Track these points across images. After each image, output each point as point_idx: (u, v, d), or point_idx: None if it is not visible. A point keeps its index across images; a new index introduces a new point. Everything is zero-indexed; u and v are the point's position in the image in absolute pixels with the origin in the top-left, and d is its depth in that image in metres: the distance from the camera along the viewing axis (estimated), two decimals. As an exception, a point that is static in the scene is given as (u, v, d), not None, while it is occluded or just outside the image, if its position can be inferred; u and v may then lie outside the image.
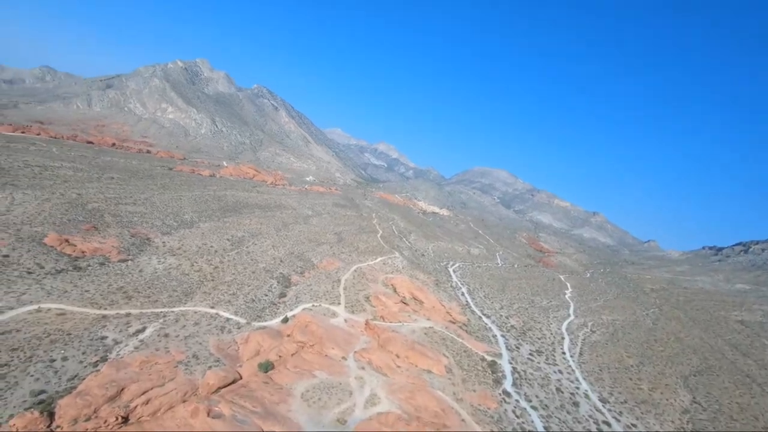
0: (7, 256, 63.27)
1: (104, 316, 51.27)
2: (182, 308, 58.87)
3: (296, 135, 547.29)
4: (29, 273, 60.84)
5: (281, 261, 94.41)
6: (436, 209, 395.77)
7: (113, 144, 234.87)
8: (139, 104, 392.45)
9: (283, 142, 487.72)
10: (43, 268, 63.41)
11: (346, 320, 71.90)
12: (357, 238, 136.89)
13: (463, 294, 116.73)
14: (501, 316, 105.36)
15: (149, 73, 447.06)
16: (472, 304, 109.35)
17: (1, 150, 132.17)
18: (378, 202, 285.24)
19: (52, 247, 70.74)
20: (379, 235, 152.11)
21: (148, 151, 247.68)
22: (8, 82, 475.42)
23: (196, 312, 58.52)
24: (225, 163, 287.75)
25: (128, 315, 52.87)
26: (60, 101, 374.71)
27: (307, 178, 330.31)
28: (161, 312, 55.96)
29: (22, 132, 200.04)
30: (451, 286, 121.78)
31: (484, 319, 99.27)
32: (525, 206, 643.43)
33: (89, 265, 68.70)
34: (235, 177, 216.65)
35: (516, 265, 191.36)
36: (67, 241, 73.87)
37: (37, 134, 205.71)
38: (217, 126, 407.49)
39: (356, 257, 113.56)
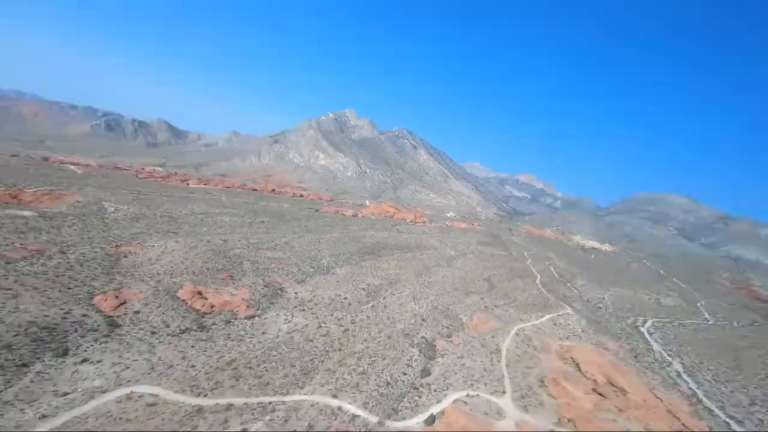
0: (138, 312, 58.31)
1: (200, 409, 38.82)
2: (297, 397, 43.86)
3: (435, 171, 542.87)
4: (153, 333, 53.97)
5: (423, 319, 75.59)
6: (596, 244, 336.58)
7: (273, 190, 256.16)
8: (297, 154, 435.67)
9: (422, 179, 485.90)
10: (168, 326, 56.45)
11: (517, 424, 48.12)
12: (511, 285, 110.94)
13: (678, 374, 79.94)
14: (756, 418, 66.58)
15: (306, 127, 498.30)
16: (699, 393, 72.61)
17: (182, 200, 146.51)
18: (526, 237, 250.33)
19: (183, 300, 65.09)
20: (537, 281, 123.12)
21: (301, 195, 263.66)
22: (207, 146, 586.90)
23: (313, 405, 42.79)
24: (368, 202, 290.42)
25: (229, 408, 39.68)
26: (239, 158, 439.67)
27: (448, 214, 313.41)
28: (270, 403, 41.66)
29: (205, 184, 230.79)
30: (655, 359, 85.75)
31: (732, 424, 62.88)
32: (716, 238, 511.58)
33: (214, 324, 60.25)
34: (376, 216, 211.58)
35: (737, 323, 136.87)
36: (199, 293, 68.09)
37: (216, 185, 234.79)
38: (361, 168, 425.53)
39: (515, 313, 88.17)
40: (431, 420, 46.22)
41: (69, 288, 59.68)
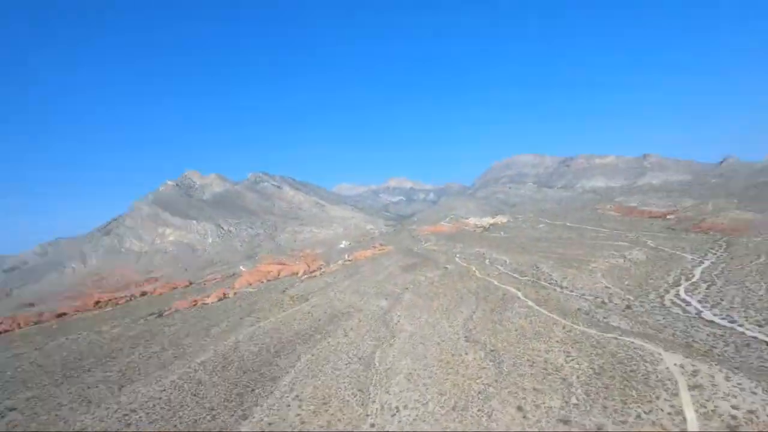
0: None
1: None
2: None
3: (308, 204, 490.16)
4: None
5: None
6: (491, 219, 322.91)
7: (97, 302, 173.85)
8: (136, 240, 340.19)
9: (298, 217, 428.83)
10: None
11: None
12: (502, 326, 66.08)
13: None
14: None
15: (140, 205, 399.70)
16: None
17: None
18: (434, 239, 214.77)
19: None
20: (522, 295, 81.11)
21: (143, 293, 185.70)
22: (8, 272, 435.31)
23: None
24: (242, 267, 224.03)
25: None
26: (55, 272, 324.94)
27: (341, 245, 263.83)
28: None
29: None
30: None
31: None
32: (567, 180, 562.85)
33: None
34: (255, 285, 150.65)
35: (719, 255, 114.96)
36: None
37: (19, 325, 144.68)
38: (223, 228, 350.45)
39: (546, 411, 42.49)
40: None
41: None
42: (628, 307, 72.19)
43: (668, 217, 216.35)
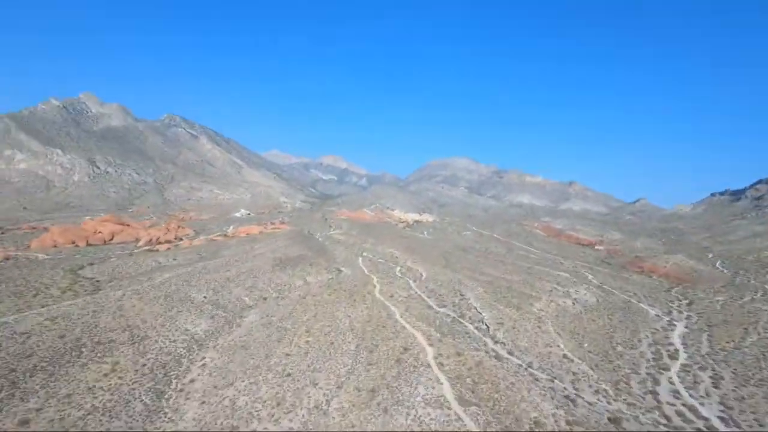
0: None
1: None
2: None
3: (223, 162, 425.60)
4: None
5: None
6: (416, 216, 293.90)
7: None
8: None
9: (204, 173, 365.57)
10: None
11: None
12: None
13: None
14: None
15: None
16: None
17: None
18: (346, 226, 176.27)
19: None
20: (432, 361, 45.19)
21: None
22: None
23: None
24: (89, 218, 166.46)
25: None
26: None
27: (236, 214, 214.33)
28: None
29: None
30: None
31: None
32: (498, 191, 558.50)
33: None
34: (60, 247, 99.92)
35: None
36: None
37: None
38: (99, 167, 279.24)
39: None
40: None
41: None
42: (614, 420, 38.92)
43: (597, 247, 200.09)
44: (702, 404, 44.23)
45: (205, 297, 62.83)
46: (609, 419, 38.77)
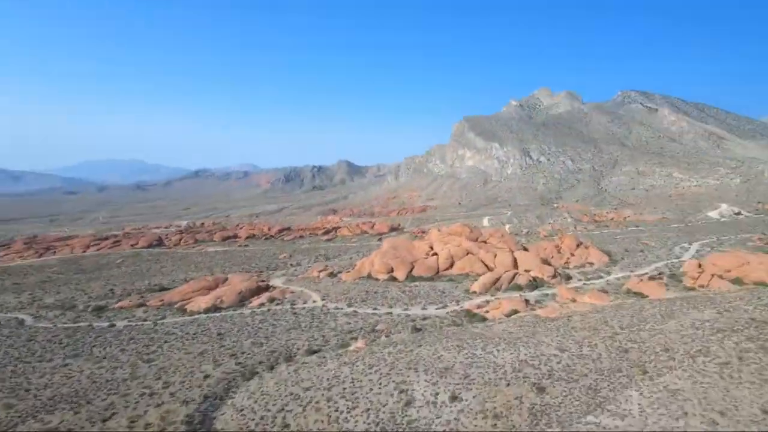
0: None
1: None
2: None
3: (692, 135, 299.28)
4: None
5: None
6: None
7: (329, 230, 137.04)
8: (439, 160, 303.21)
9: (662, 152, 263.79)
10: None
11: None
12: None
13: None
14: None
15: (459, 127, 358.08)
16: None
17: None
18: None
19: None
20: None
21: (329, 230, 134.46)
22: (378, 177, 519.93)
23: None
24: (440, 226, 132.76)
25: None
26: (377, 184, 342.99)
27: (712, 213, 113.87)
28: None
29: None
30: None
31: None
32: None
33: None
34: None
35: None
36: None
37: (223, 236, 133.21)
38: (531, 157, 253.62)
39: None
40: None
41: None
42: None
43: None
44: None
45: None
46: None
